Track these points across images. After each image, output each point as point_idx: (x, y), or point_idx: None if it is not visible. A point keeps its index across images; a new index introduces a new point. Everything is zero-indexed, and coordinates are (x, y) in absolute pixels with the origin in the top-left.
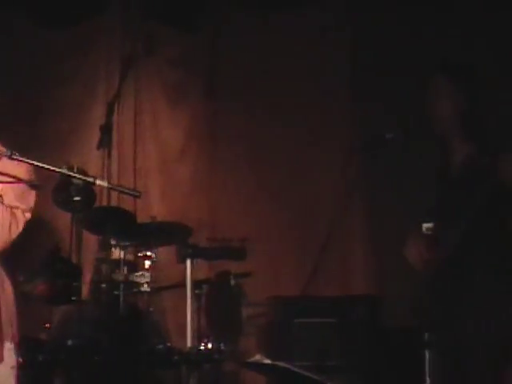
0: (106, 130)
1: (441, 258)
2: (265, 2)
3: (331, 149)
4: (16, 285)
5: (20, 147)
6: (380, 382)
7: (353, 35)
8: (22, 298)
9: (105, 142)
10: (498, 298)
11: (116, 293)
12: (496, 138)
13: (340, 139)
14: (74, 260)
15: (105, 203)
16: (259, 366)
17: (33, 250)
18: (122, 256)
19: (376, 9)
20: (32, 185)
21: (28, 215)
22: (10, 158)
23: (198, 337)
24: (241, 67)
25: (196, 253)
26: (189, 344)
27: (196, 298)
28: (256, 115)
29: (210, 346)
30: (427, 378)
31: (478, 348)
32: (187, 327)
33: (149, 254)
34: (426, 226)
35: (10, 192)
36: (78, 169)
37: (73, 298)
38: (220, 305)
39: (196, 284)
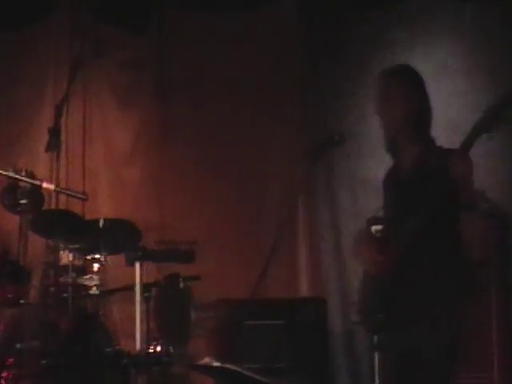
0: (55, 132)
1: (391, 260)
2: (213, 2)
3: (280, 151)
4: None
5: None
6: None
7: (305, 35)
8: None
9: (53, 144)
10: (447, 299)
11: (64, 296)
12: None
13: (289, 141)
14: (22, 263)
15: (53, 206)
16: (208, 369)
17: None
18: (70, 259)
19: (328, 9)
20: None
21: None
22: None
23: (147, 340)
24: (189, 69)
25: (145, 255)
26: (138, 347)
27: (145, 300)
28: (205, 117)
29: (158, 348)
30: (376, 379)
31: (427, 349)
32: (136, 330)
33: (97, 256)
34: (375, 227)
35: None
36: (26, 171)
37: (21, 301)
38: (169, 307)
39: (145, 287)
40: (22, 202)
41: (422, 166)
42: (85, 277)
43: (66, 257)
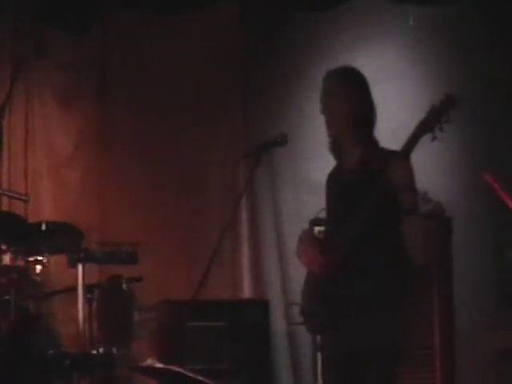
0: None
1: (334, 261)
2: (156, 4)
3: (222, 152)
4: None
5: None
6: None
7: (247, 36)
8: None
9: None
10: (388, 299)
11: (6, 298)
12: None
13: (231, 143)
14: None
15: None
16: (151, 370)
17: None
18: (12, 261)
19: (270, 9)
20: None
21: None
22: None
23: (90, 341)
24: (131, 70)
25: (87, 257)
26: (80, 348)
27: (87, 302)
28: (147, 119)
29: (101, 350)
30: (319, 380)
31: (369, 350)
32: (79, 332)
33: (39, 258)
34: (318, 228)
35: None
36: None
37: None
38: (112, 309)
39: (87, 288)
40: None
41: (364, 166)
42: (27, 278)
43: (8, 258)
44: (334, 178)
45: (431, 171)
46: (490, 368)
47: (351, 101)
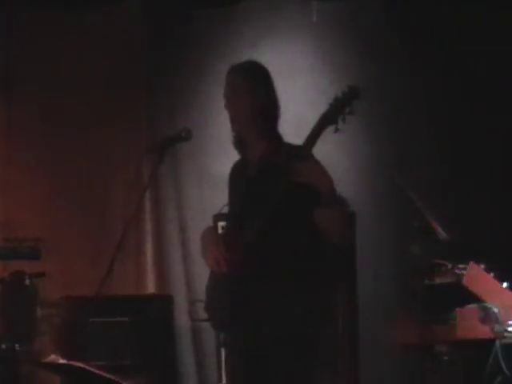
0: None
1: (238, 257)
2: (62, 2)
3: (127, 149)
4: None
5: None
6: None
7: (151, 33)
8: None
9: None
10: (295, 296)
11: None
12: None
13: (136, 139)
14: None
15: None
16: (55, 366)
17: None
18: None
19: (174, 6)
20: None
21: None
22: None
23: None
24: (36, 68)
25: None
26: None
27: None
28: (52, 115)
29: (4, 346)
30: (223, 377)
31: (274, 345)
32: None
33: None
34: (221, 224)
35: None
36: None
37: None
38: (14, 305)
39: None
40: None
41: (269, 162)
42: None
43: None
44: (237, 173)
45: (336, 166)
46: (393, 364)
47: (255, 95)
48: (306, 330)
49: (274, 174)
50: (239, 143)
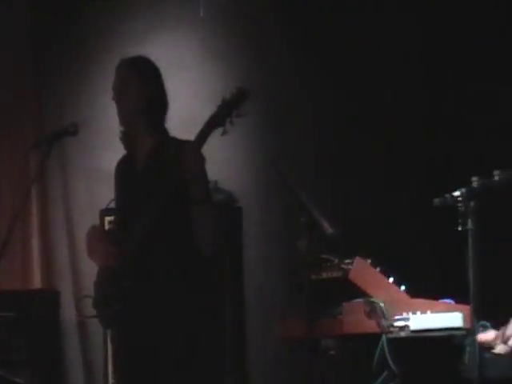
0: None
1: (123, 253)
2: None
3: (13, 142)
4: None
5: None
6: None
7: (38, 24)
8: None
9: None
10: (179, 290)
11: None
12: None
13: (24, 134)
14: None
15: None
16: None
17: None
18: None
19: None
20: None
21: None
22: None
23: None
24: None
25: None
26: None
27: None
28: None
29: None
30: (109, 374)
31: (161, 342)
32: None
33: None
34: (108, 219)
35: None
36: None
37: None
38: None
39: None
40: None
41: (155, 157)
42: None
43: None
44: (123, 168)
45: (222, 160)
46: (280, 357)
47: (143, 89)
48: (191, 328)
49: (161, 168)
50: (126, 137)
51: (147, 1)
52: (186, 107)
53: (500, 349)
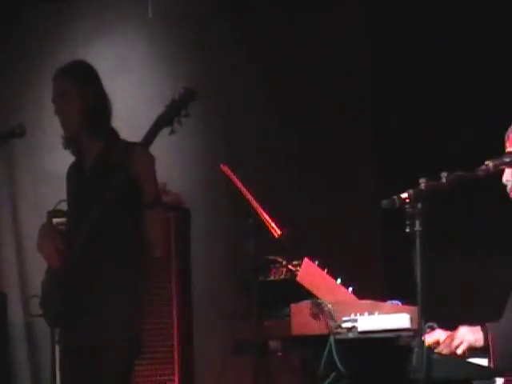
0: None
1: (71, 253)
2: None
3: None
4: None
5: None
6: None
7: None
8: None
9: None
10: (125, 292)
11: None
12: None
13: None
14: None
15: None
16: None
17: None
18: None
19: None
20: None
21: None
22: None
23: None
24: None
25: None
26: None
27: None
28: None
29: None
30: (57, 373)
31: (105, 342)
32: None
33: None
34: (56, 220)
35: None
36: None
37: None
38: None
39: None
40: None
41: (105, 160)
42: None
43: None
44: (74, 171)
45: (170, 162)
46: (227, 358)
47: (83, 97)
48: (136, 329)
49: (109, 171)
50: (71, 144)
51: (96, 2)
52: (134, 107)
53: (441, 349)
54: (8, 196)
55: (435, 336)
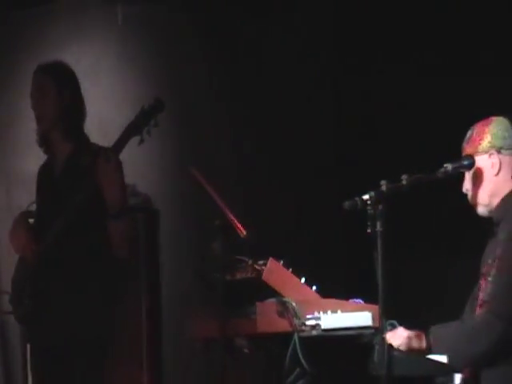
0: None
1: (40, 250)
2: None
3: None
4: None
5: None
6: None
7: None
8: None
9: None
10: (93, 291)
11: None
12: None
13: None
14: None
15: None
16: None
17: None
18: None
19: None
20: None
21: None
22: None
23: None
24: None
25: None
26: None
27: None
28: None
29: None
30: (29, 371)
31: (74, 342)
32: None
33: None
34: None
35: None
36: None
37: None
38: None
39: None
40: None
41: (73, 163)
42: None
43: None
44: (44, 172)
45: (139, 164)
46: (194, 356)
47: (61, 96)
48: (104, 329)
49: (78, 174)
50: (45, 142)
51: (67, 8)
52: (104, 113)
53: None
54: None
55: (397, 334)
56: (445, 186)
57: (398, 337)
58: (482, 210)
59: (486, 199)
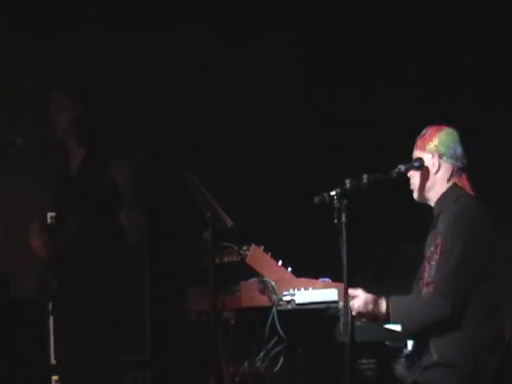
0: None
1: (60, 244)
2: None
3: None
4: None
5: None
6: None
7: None
8: None
9: None
10: (107, 273)
11: None
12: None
13: None
14: None
15: None
16: None
17: None
18: None
19: None
20: None
21: None
22: None
23: None
24: None
25: None
26: None
27: None
28: None
29: None
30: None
31: (91, 316)
32: None
33: None
34: (50, 214)
35: None
36: None
37: None
38: None
39: None
40: None
41: (87, 165)
42: None
43: None
44: (60, 174)
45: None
46: (189, 329)
47: (73, 108)
48: (115, 303)
49: (92, 173)
50: (63, 149)
51: None
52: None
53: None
54: None
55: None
56: (396, 184)
57: (358, 300)
58: (418, 197)
59: (423, 190)
